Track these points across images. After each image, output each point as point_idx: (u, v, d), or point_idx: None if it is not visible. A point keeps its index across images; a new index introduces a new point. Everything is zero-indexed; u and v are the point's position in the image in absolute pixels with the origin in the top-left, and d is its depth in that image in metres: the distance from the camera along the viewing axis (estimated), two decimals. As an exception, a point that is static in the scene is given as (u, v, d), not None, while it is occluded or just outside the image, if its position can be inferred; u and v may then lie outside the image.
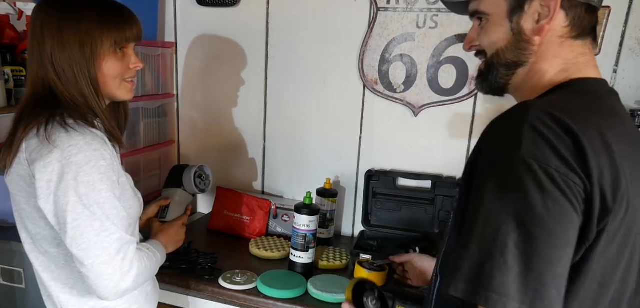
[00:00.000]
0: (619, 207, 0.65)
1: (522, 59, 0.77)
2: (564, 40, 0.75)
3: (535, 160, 0.61)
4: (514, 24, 0.76)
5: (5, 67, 1.48)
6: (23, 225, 1.03)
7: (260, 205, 1.75)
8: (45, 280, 1.05)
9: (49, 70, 0.97)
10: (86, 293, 1.04)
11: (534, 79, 0.77)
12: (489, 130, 0.70)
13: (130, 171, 1.66)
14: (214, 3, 1.78)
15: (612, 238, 0.66)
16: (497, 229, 0.63)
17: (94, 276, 0.93)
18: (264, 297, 1.30)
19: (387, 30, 1.62)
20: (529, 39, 0.76)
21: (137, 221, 1.11)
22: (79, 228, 0.91)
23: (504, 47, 0.78)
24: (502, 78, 0.80)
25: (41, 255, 1.03)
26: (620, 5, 1.41)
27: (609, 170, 0.64)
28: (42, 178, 0.91)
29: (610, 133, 0.66)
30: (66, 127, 0.93)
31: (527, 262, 0.61)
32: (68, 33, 0.95)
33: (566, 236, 0.62)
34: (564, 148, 0.62)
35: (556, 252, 0.61)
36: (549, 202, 0.61)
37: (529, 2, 0.74)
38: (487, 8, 0.79)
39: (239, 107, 1.88)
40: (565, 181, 0.61)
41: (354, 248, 1.59)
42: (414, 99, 1.66)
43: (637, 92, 1.45)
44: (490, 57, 0.81)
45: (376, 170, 1.72)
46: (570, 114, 0.65)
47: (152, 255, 1.08)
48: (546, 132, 0.63)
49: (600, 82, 0.77)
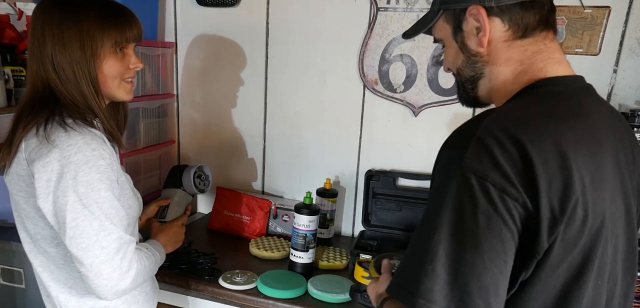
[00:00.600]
0: (572, 216, 0.65)
1: (477, 71, 0.81)
2: (511, 43, 0.77)
3: (474, 173, 0.63)
4: (459, 43, 0.81)
5: (5, 67, 1.48)
6: (22, 224, 1.03)
7: (260, 205, 1.75)
8: (44, 280, 1.05)
9: (49, 69, 0.97)
10: (85, 293, 1.04)
11: (497, 86, 0.80)
12: (450, 136, 0.73)
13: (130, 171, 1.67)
14: (214, 3, 1.78)
15: (570, 248, 0.67)
16: (430, 237, 0.66)
17: (93, 275, 0.93)
18: (264, 297, 1.30)
19: (387, 30, 1.63)
20: (475, 53, 0.80)
21: (136, 221, 1.11)
22: (78, 227, 0.91)
23: (460, 65, 0.83)
24: (470, 92, 0.85)
25: (40, 254, 1.03)
26: (620, 5, 1.41)
27: (560, 179, 0.64)
28: (41, 177, 0.91)
29: (568, 138, 0.67)
30: (65, 127, 0.93)
31: (455, 270, 0.63)
32: (69, 33, 0.95)
33: (494, 249, 0.63)
34: (508, 161, 0.63)
35: (483, 263, 0.62)
36: (479, 214, 0.63)
37: (464, 22, 0.79)
38: (439, 35, 0.86)
39: (239, 107, 1.88)
40: (500, 196, 0.62)
41: (354, 248, 1.59)
42: (414, 99, 1.66)
43: (637, 92, 1.45)
44: (456, 76, 0.87)
45: (376, 170, 1.72)
46: (523, 123, 0.67)
47: (151, 255, 1.08)
48: (492, 144, 0.64)
49: (568, 79, 0.77)
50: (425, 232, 0.67)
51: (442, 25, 0.83)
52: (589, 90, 0.79)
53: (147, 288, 1.15)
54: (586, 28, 1.44)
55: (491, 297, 0.63)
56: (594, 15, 1.43)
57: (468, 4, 0.77)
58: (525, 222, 0.64)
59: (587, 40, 1.45)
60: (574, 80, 0.78)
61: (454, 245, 0.64)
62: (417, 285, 0.65)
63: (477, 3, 0.76)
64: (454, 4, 0.79)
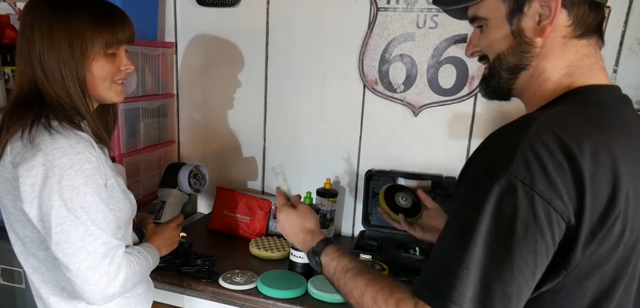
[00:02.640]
0: (609, 231, 0.63)
1: (524, 61, 0.75)
2: (568, 40, 0.73)
3: (521, 180, 0.61)
4: (514, 27, 0.74)
5: (5, 67, 1.48)
6: (12, 227, 1.02)
7: (260, 205, 1.75)
8: (35, 282, 1.04)
9: (36, 68, 0.95)
10: (76, 296, 1.02)
11: (537, 82, 0.75)
12: (489, 139, 0.70)
13: (130, 171, 1.67)
14: (214, 3, 1.78)
15: (603, 262, 0.66)
16: (467, 241, 0.63)
17: (79, 281, 0.91)
18: (264, 297, 1.30)
19: (387, 30, 1.62)
20: (530, 41, 0.73)
21: (128, 223, 1.09)
22: (64, 233, 0.89)
23: (505, 50, 0.76)
24: (505, 82, 0.78)
25: (31, 257, 1.02)
26: (620, 5, 1.41)
27: (606, 194, 0.62)
28: (26, 182, 0.89)
29: (616, 151, 0.64)
30: (50, 130, 0.91)
31: (485, 275, 0.62)
32: (58, 31, 0.94)
33: (525, 260, 0.62)
34: (558, 172, 0.61)
35: (511, 272, 0.62)
36: (518, 223, 0.61)
37: (528, 3, 0.72)
38: (486, 12, 0.77)
39: (239, 107, 1.88)
40: (545, 207, 0.60)
41: (354, 248, 1.59)
42: (414, 99, 1.66)
43: (637, 92, 1.45)
44: (492, 61, 0.79)
45: (376, 170, 1.72)
46: (573, 132, 0.64)
47: (142, 259, 1.06)
48: (542, 152, 0.62)
49: (609, 89, 0.74)
50: (461, 234, 0.65)
51: (495, 2, 0.75)
52: (626, 101, 0.76)
53: (140, 290, 1.13)
54: (586, 28, 1.44)
55: (512, 305, 0.63)
56: (594, 15, 1.42)
57: None
58: (564, 235, 0.63)
59: (587, 40, 1.44)
60: (614, 89, 0.75)
61: (490, 251, 0.62)
62: (451, 287, 0.64)
63: None
64: None
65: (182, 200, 1.49)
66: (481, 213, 0.63)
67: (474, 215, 0.63)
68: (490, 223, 0.62)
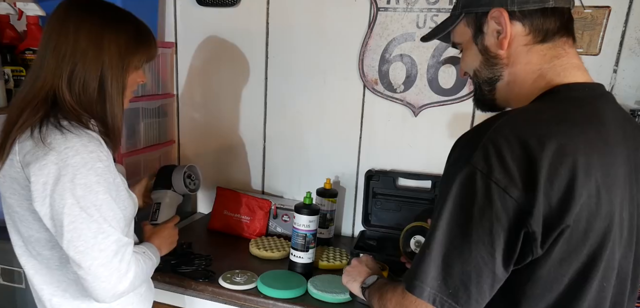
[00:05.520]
0: (577, 219, 0.67)
1: (496, 73, 0.83)
2: (531, 47, 0.79)
3: (480, 170, 0.67)
4: (480, 46, 0.84)
5: (5, 67, 1.48)
6: (15, 228, 1.02)
7: (260, 205, 1.75)
8: (36, 283, 1.04)
9: (66, 69, 0.94)
10: (79, 295, 1.03)
11: (516, 89, 0.82)
12: (460, 137, 0.76)
13: (130, 171, 1.67)
14: (214, 3, 1.78)
15: (575, 249, 0.69)
16: (433, 226, 0.72)
17: (91, 278, 0.92)
18: (264, 297, 1.30)
19: (387, 30, 1.62)
20: (495, 55, 0.82)
21: (132, 222, 1.10)
22: (76, 230, 0.90)
23: (478, 67, 0.86)
24: (487, 94, 0.87)
25: (33, 258, 1.02)
26: (620, 5, 1.41)
27: (565, 182, 0.66)
28: (38, 181, 0.89)
29: (578, 142, 0.69)
30: (61, 129, 0.92)
31: (447, 256, 0.70)
32: (109, 40, 0.96)
33: (482, 241, 0.68)
34: (514, 161, 0.66)
35: (469, 252, 0.68)
36: (475, 208, 0.68)
37: (485, 24, 0.81)
38: (459, 38, 0.89)
39: (239, 107, 1.88)
40: (500, 194, 0.66)
41: (354, 248, 1.59)
42: (414, 99, 1.66)
43: (637, 92, 1.45)
44: (473, 77, 0.89)
45: (376, 170, 1.72)
46: (534, 126, 0.69)
47: (148, 258, 1.07)
48: (501, 144, 0.67)
49: (586, 86, 0.78)
50: (432, 222, 0.73)
51: (463, 29, 0.86)
52: (607, 98, 0.80)
53: (141, 290, 1.14)
54: (586, 28, 1.44)
55: (472, 284, 0.69)
56: (594, 15, 1.43)
57: (490, 7, 0.79)
58: (522, 220, 0.66)
59: (587, 40, 1.45)
60: (592, 87, 0.79)
61: (450, 234, 0.70)
62: (417, 268, 0.73)
63: (499, 6, 0.78)
64: (476, 8, 0.82)
65: (177, 201, 1.50)
66: (446, 200, 0.71)
67: (441, 203, 0.72)
68: (451, 209, 0.70)
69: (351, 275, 1.08)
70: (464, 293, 0.69)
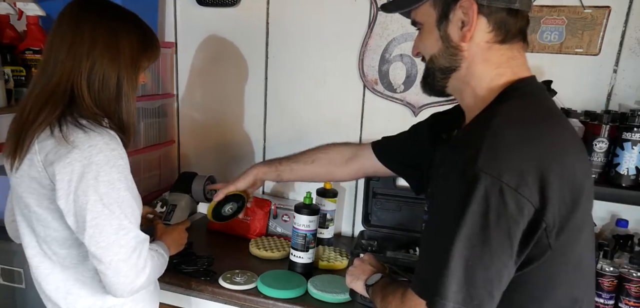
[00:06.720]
0: (577, 213, 0.72)
1: (454, 64, 0.83)
2: (491, 45, 0.80)
3: (489, 174, 0.67)
4: (442, 32, 0.82)
5: (5, 67, 1.48)
6: (30, 227, 1.03)
7: (260, 205, 1.75)
8: (50, 282, 1.04)
9: (83, 69, 0.95)
10: (94, 293, 1.04)
11: (472, 84, 0.83)
12: (457, 141, 0.78)
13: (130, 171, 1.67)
14: (214, 3, 1.78)
15: (573, 242, 0.74)
16: (447, 238, 0.69)
17: (111, 273, 0.94)
18: (264, 297, 1.30)
19: (387, 30, 1.62)
20: (456, 46, 0.81)
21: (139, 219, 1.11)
22: (98, 226, 0.92)
23: (436, 53, 0.84)
24: (439, 81, 0.87)
25: (47, 258, 1.03)
26: (620, 5, 1.41)
27: (569, 179, 0.70)
28: (63, 178, 0.91)
29: (573, 139, 0.74)
30: (82, 127, 0.93)
31: (466, 267, 0.69)
32: (123, 43, 0.99)
33: (502, 244, 0.68)
34: (521, 160, 0.68)
35: (490, 258, 0.68)
36: (491, 213, 0.67)
37: (453, 11, 0.79)
38: (421, 18, 0.86)
39: (239, 107, 1.88)
40: (512, 195, 0.66)
41: (354, 248, 1.59)
42: (414, 99, 1.66)
43: (637, 92, 1.45)
44: (427, 62, 0.88)
45: (376, 170, 1.72)
46: (534, 125, 0.72)
47: (160, 255, 1.10)
48: (505, 145, 0.68)
49: (533, 80, 0.82)
50: (442, 233, 0.72)
51: (428, 9, 0.83)
52: (544, 88, 0.85)
53: (150, 287, 1.16)
54: (586, 28, 1.44)
55: (495, 288, 0.70)
56: (594, 15, 1.43)
57: None
58: (534, 216, 0.68)
59: (587, 40, 1.45)
60: (535, 79, 0.83)
61: (469, 244, 0.68)
62: (437, 283, 0.70)
63: None
64: None
65: (191, 206, 1.54)
66: (457, 209, 0.69)
67: (451, 213, 0.70)
68: (467, 219, 0.68)
69: (354, 275, 1.09)
70: (488, 300, 0.70)
